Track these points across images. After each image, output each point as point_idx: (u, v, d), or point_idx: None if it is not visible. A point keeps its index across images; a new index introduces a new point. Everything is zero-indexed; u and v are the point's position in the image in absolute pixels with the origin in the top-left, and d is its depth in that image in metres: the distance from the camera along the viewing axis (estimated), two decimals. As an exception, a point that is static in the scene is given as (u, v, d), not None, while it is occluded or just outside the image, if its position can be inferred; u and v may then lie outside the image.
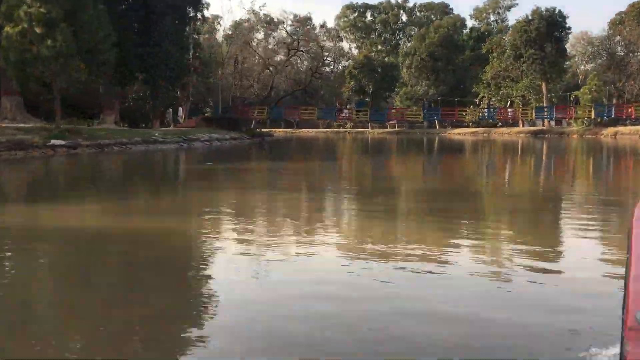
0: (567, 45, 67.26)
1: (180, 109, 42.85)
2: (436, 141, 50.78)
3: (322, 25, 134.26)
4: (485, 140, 50.33)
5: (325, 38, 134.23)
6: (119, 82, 32.98)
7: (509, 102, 47.52)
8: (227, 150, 28.79)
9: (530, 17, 61.10)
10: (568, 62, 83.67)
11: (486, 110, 55.60)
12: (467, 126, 79.53)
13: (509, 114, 51.38)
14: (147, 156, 22.27)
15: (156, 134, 27.25)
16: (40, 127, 22.44)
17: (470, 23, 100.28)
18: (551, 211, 9.58)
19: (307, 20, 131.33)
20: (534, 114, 46.46)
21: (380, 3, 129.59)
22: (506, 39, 67.78)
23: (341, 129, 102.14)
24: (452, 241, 6.57)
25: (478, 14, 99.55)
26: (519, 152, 30.57)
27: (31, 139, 19.85)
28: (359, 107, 43.33)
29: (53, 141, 20.70)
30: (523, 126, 68.77)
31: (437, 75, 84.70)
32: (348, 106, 43.68)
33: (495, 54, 69.46)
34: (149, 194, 11.69)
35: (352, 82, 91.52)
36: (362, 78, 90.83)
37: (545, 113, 49.26)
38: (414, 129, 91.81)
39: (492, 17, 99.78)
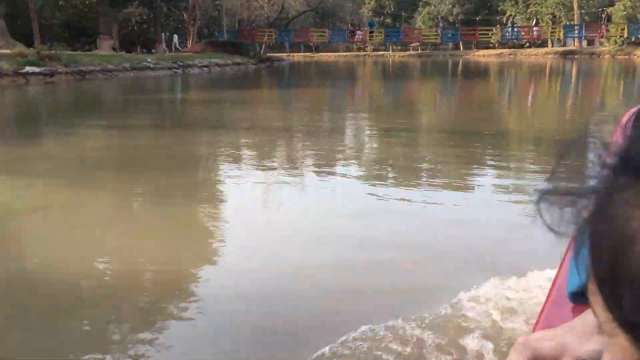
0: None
1: (176, 35, 40.20)
2: (459, 64, 48.06)
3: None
4: (511, 63, 47.48)
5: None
6: (111, 3, 30.85)
7: (534, 21, 44.13)
8: (227, 77, 26.96)
9: None
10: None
11: (510, 29, 51.77)
12: (493, 47, 75.69)
13: (535, 33, 47.58)
14: (126, 84, 20.55)
15: (149, 60, 25.41)
16: (16, 52, 20.71)
17: None
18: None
19: None
20: (562, 33, 42.57)
21: None
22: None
23: (361, 52, 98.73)
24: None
25: None
26: (545, 76, 28.25)
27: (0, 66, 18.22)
28: (371, 28, 40.44)
29: (27, 68, 19.05)
30: (552, 46, 65.01)
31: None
32: (361, 28, 40.67)
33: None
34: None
35: (372, 2, 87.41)
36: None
37: (575, 31, 45.54)
38: (437, 51, 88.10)
39: None
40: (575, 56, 51.55)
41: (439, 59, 68.95)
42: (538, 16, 42.71)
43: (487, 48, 79.31)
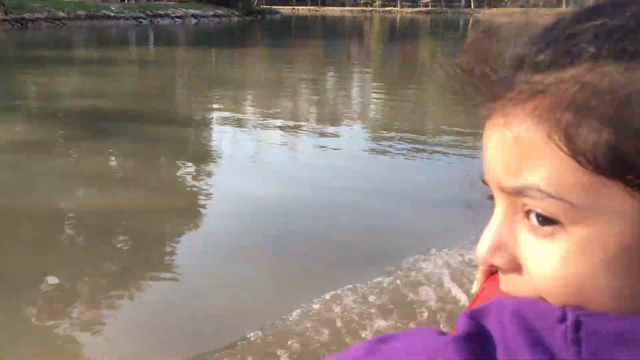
0: None
1: None
2: (469, 22, 44.79)
3: None
4: None
5: None
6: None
7: None
8: (199, 30, 24.04)
9: None
10: None
11: None
12: (505, 5, 71.44)
13: None
14: (71, 36, 17.70)
15: (112, 7, 22.48)
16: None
17: None
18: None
19: None
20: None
21: None
22: None
23: (368, 8, 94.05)
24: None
25: None
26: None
27: None
28: None
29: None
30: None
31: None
32: None
33: None
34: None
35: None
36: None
37: None
38: (448, 8, 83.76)
39: None
40: None
41: (447, 16, 65.20)
42: None
43: (498, 7, 75.28)
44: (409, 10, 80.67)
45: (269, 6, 46.55)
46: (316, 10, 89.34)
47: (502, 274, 0.35)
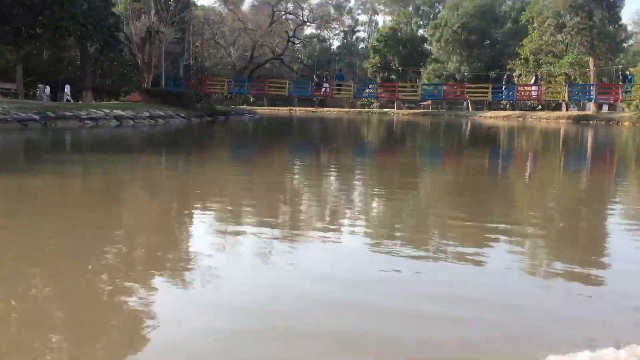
0: (624, 17, 56.06)
1: (67, 86, 33.20)
2: (463, 126, 41.65)
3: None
4: (519, 127, 40.96)
5: (359, 11, 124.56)
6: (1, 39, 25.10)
7: (533, 79, 36.38)
8: (122, 136, 20.47)
9: None
10: (629, 41, 71.85)
11: (504, 88, 44.46)
12: (504, 108, 69.28)
13: (534, 93, 38.81)
14: None
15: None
16: None
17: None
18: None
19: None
20: (566, 94, 34.22)
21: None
22: (547, 4, 56.91)
23: (365, 109, 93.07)
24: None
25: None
26: (548, 147, 21.51)
27: None
28: (340, 81, 33.59)
29: None
30: (567, 109, 58.21)
31: (471, 50, 74.20)
32: (329, 80, 33.72)
33: (535, 24, 58.82)
34: None
35: (377, 57, 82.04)
36: (388, 52, 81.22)
37: (585, 93, 37.89)
38: (445, 110, 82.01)
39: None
40: (590, 122, 44.70)
41: (444, 119, 62.77)
42: (538, 73, 35.62)
43: (497, 109, 73.22)
44: (406, 111, 79.12)
45: (240, 105, 44.22)
46: (313, 112, 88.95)
47: None
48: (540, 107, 62.07)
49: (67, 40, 28.38)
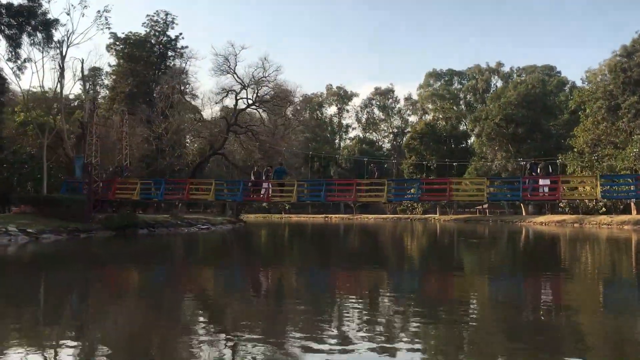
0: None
1: None
2: (504, 237, 31.43)
3: (407, 98, 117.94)
4: (573, 236, 30.26)
5: (409, 111, 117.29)
6: None
7: (539, 169, 25.26)
8: None
9: (629, 49, 40.12)
10: None
11: (502, 184, 31.88)
12: (564, 212, 57.44)
13: (544, 192, 24.49)
14: None
15: None
16: None
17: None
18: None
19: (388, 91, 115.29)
20: (598, 190, 21.65)
21: (469, 68, 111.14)
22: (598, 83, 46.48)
23: (404, 215, 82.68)
24: None
25: (592, 77, 66.15)
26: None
27: None
28: (280, 179, 24.35)
29: None
30: (637, 213, 45.84)
31: (520, 144, 63.67)
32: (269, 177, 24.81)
33: (588, 110, 48.17)
34: None
35: (412, 156, 72.85)
36: (424, 151, 71.93)
37: (623, 187, 25.09)
38: (491, 215, 70.77)
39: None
40: (664, 229, 32.86)
41: (488, 226, 51.82)
42: (539, 162, 24.42)
43: (553, 213, 61.38)
44: (447, 217, 68.53)
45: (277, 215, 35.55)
46: (349, 219, 79.73)
47: None
48: (604, 209, 50.01)
49: None
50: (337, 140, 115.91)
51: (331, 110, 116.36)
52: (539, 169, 24.39)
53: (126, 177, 28.77)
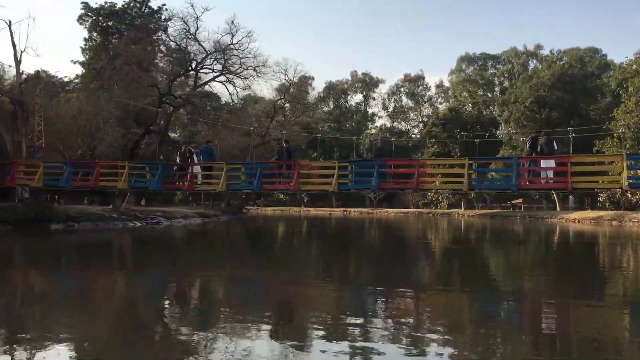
0: None
1: None
2: (532, 238, 25.79)
3: (439, 85, 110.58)
4: (612, 238, 24.41)
5: (441, 99, 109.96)
6: None
7: (540, 145, 19.15)
8: None
9: None
10: None
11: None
12: (603, 207, 50.34)
13: (546, 176, 17.82)
14: None
15: None
16: None
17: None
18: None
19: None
20: (625, 176, 15.20)
21: (505, 52, 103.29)
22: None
23: (425, 210, 76.12)
24: None
25: None
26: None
27: None
28: (210, 159, 18.99)
29: None
30: None
31: (553, 131, 56.55)
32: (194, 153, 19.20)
33: (631, 89, 41.10)
34: None
35: (434, 146, 66.27)
36: (447, 138, 65.25)
37: None
38: (519, 211, 64.28)
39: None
40: None
41: (516, 222, 45.50)
42: (538, 135, 17.78)
43: (593, 208, 54.47)
44: (472, 212, 62.08)
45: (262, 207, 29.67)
46: (368, 213, 74.16)
47: None
48: (648, 204, 42.90)
49: None
50: (365, 130, 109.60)
51: (357, 98, 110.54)
52: (539, 146, 18.12)
53: (38, 159, 23.80)
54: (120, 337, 6.04)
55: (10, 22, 28.53)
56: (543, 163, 17.22)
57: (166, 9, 41.77)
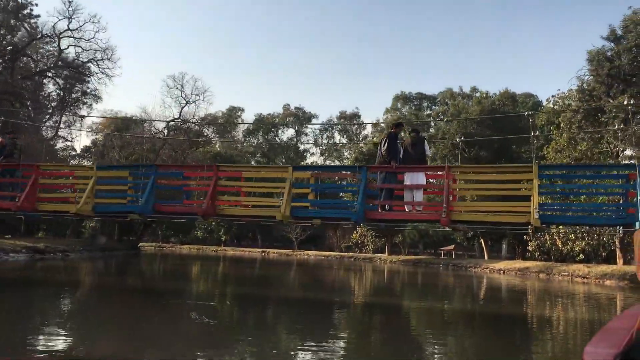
0: None
1: None
2: (456, 289, 20.11)
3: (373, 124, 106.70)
4: (542, 294, 18.87)
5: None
6: None
7: (404, 146, 14.33)
8: None
9: (622, 28, 28.93)
10: None
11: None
12: (531, 256, 45.78)
13: (412, 200, 13.25)
14: None
15: None
16: None
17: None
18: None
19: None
20: (534, 205, 10.84)
21: (441, 92, 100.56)
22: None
23: (347, 253, 70.83)
24: None
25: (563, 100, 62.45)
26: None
27: None
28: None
29: None
30: (623, 262, 34.07)
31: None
32: None
33: (563, 124, 36.86)
34: None
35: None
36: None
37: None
38: (442, 258, 60.02)
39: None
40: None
41: (439, 272, 40.17)
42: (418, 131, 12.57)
43: (510, 258, 50.26)
44: (396, 258, 56.80)
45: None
46: (288, 255, 67.99)
47: None
48: (581, 255, 38.24)
49: None
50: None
51: (289, 132, 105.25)
52: (403, 148, 12.02)
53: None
54: None
55: None
56: (408, 178, 11.25)
57: (36, 5, 35.21)
